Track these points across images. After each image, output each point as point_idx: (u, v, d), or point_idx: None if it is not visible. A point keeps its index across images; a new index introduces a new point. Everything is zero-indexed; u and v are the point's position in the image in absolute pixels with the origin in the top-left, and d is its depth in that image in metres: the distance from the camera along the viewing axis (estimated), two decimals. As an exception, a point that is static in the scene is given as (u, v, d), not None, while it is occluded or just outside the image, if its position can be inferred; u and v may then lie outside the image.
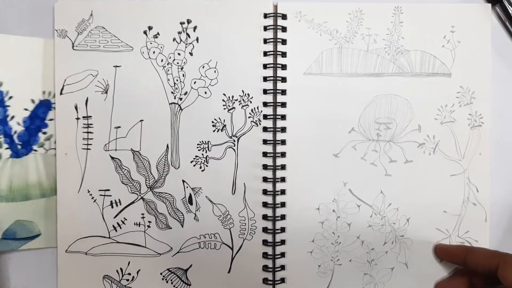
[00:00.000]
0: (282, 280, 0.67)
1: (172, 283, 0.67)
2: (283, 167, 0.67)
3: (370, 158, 0.68)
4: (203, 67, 0.67)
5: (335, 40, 0.68)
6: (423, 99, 0.68)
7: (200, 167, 0.67)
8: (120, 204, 0.67)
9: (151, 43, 0.67)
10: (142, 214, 0.67)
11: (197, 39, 0.67)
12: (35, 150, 0.66)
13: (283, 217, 0.67)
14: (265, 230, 0.67)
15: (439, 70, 0.68)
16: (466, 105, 0.68)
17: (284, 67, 0.67)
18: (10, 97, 0.65)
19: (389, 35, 0.68)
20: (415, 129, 0.68)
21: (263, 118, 0.67)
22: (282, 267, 0.67)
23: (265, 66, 0.67)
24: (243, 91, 0.67)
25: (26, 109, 0.65)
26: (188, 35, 0.67)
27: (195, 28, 0.67)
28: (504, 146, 0.69)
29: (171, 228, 0.67)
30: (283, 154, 0.67)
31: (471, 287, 0.65)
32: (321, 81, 0.68)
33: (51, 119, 0.66)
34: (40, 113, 0.66)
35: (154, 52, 0.67)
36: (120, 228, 0.67)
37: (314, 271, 0.68)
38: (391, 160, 0.68)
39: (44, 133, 0.66)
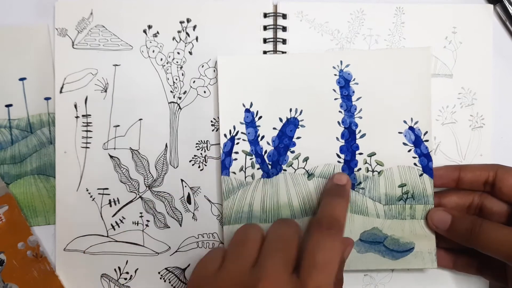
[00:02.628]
0: (282, 281, 0.67)
1: (170, 282, 0.67)
2: (282, 167, 0.67)
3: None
4: (203, 66, 0.67)
5: (336, 40, 0.68)
6: (424, 100, 0.68)
7: (199, 167, 0.67)
8: (119, 203, 0.67)
9: (150, 42, 0.67)
10: (141, 213, 0.67)
11: (196, 38, 0.67)
12: (285, 170, 0.65)
13: (281, 217, 0.67)
14: (263, 230, 0.67)
15: (441, 71, 0.68)
16: (467, 106, 0.68)
17: (284, 67, 0.67)
18: (260, 117, 0.65)
19: (391, 36, 0.68)
20: (416, 130, 0.68)
21: (262, 118, 0.67)
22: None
23: (264, 66, 0.67)
24: (242, 91, 0.67)
25: (274, 128, 0.65)
26: (187, 34, 0.67)
27: (194, 27, 0.67)
28: (505, 146, 0.69)
29: (169, 227, 0.67)
30: (282, 154, 0.67)
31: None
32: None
33: (298, 137, 0.65)
34: (288, 132, 0.65)
35: (153, 51, 0.67)
36: (118, 227, 0.67)
37: (314, 272, 0.68)
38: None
39: (292, 152, 0.65)
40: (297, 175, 0.65)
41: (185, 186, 0.67)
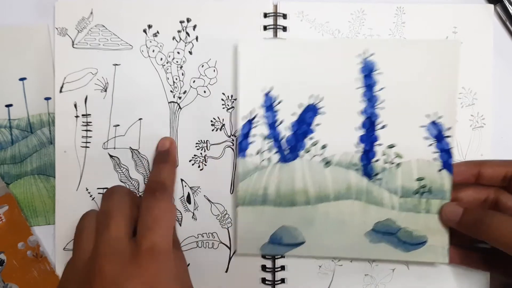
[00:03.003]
0: (282, 280, 0.67)
1: (169, 282, 0.67)
2: (282, 166, 0.67)
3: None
4: (203, 66, 0.67)
5: (337, 40, 0.68)
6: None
7: (199, 166, 0.67)
8: (119, 203, 0.67)
9: (150, 42, 0.67)
10: (141, 212, 0.67)
11: (196, 38, 0.67)
12: (302, 156, 0.65)
13: (282, 216, 0.67)
14: (263, 229, 0.67)
15: (441, 71, 0.68)
16: (468, 106, 0.68)
17: (284, 66, 0.67)
18: (280, 102, 0.65)
19: (391, 36, 0.68)
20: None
21: (263, 118, 0.67)
22: (282, 267, 0.67)
23: (264, 66, 0.67)
24: (242, 91, 0.67)
25: (293, 114, 0.65)
26: (187, 34, 0.67)
27: (194, 27, 0.67)
28: (505, 146, 0.69)
29: (169, 227, 0.67)
30: (282, 154, 0.67)
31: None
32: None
33: (317, 124, 0.65)
34: (307, 118, 0.65)
35: (153, 51, 0.67)
36: (119, 226, 0.67)
37: (314, 272, 0.68)
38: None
39: (311, 138, 0.65)
40: (314, 162, 0.65)
41: (185, 186, 0.67)
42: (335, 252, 0.66)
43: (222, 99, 0.67)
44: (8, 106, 0.67)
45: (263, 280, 0.67)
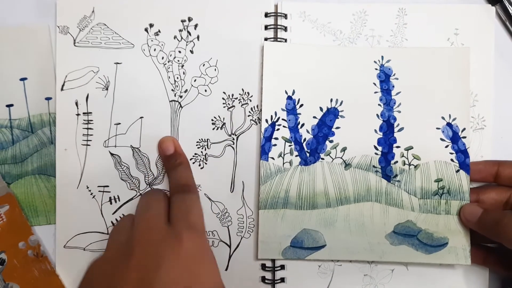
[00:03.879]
0: (282, 279, 0.67)
1: (169, 280, 0.68)
2: (282, 166, 0.67)
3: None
4: (204, 65, 0.67)
5: (338, 41, 0.68)
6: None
7: (199, 165, 0.67)
8: (119, 201, 0.67)
9: (152, 41, 0.67)
10: (141, 211, 0.67)
11: (198, 37, 0.67)
12: (322, 159, 0.66)
13: (282, 215, 0.67)
14: (263, 228, 0.67)
15: (443, 72, 0.68)
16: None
17: (285, 66, 0.68)
18: (301, 105, 0.66)
19: (393, 37, 0.68)
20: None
21: (263, 117, 0.67)
22: (282, 267, 0.67)
23: (265, 65, 0.67)
24: (243, 90, 0.67)
25: (314, 117, 0.66)
26: (189, 33, 0.67)
27: (196, 26, 0.67)
28: (505, 147, 0.69)
29: (169, 225, 0.67)
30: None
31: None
32: (323, 81, 0.68)
33: (337, 127, 0.66)
34: (328, 121, 0.66)
35: (155, 50, 0.67)
36: (119, 224, 0.67)
37: (314, 271, 0.68)
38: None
39: (331, 141, 0.66)
40: (334, 165, 0.66)
41: (186, 185, 0.67)
42: (356, 255, 0.66)
43: (223, 98, 0.67)
44: (9, 106, 0.67)
45: (263, 279, 0.67)
